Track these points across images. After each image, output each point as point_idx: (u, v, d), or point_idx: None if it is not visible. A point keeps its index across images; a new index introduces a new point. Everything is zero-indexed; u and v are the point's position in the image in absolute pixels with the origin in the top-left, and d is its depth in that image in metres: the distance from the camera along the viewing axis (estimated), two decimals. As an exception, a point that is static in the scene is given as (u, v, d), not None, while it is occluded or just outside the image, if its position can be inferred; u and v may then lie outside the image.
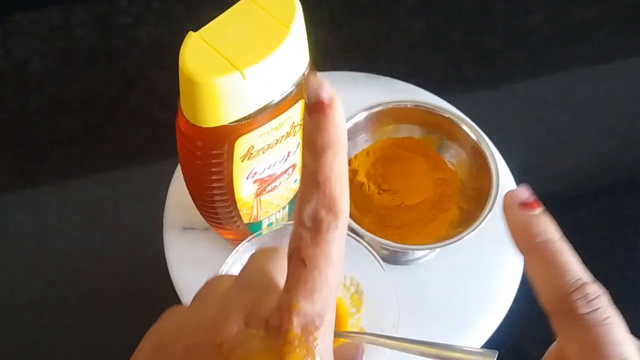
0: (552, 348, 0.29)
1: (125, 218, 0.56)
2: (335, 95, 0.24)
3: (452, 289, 0.52)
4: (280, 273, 0.27)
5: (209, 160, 0.40)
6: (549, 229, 0.27)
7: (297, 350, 0.23)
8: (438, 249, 0.51)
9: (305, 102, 0.24)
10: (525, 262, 0.27)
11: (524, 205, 0.27)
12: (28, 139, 0.61)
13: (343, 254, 0.24)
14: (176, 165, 0.55)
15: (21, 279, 0.54)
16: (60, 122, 0.61)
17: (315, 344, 0.23)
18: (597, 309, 0.25)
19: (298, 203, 0.24)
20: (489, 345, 0.50)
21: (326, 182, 0.23)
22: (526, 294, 0.53)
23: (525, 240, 0.27)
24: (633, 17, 0.69)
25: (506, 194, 0.28)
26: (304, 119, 0.24)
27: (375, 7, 0.68)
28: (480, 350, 0.46)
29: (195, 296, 0.28)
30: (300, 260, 0.23)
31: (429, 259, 0.53)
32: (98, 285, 0.54)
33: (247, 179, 0.43)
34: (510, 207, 0.27)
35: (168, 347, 0.26)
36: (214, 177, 0.42)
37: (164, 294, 0.52)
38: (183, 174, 0.45)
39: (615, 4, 0.69)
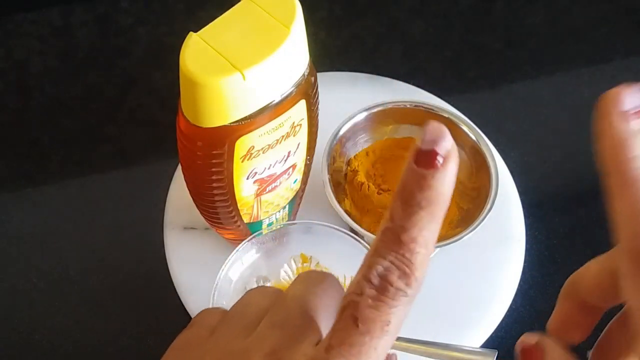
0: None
1: (126, 218, 0.56)
2: (455, 151, 0.20)
3: (452, 289, 0.52)
4: (324, 309, 0.24)
5: (209, 160, 0.41)
6: None
7: None
8: (438, 249, 0.51)
9: (417, 146, 0.20)
10: (608, 185, 0.22)
11: (629, 114, 0.21)
12: (28, 139, 0.61)
13: (401, 325, 0.21)
14: (176, 165, 0.55)
15: (21, 279, 0.54)
16: (60, 122, 0.61)
17: None
18: None
19: (370, 254, 0.21)
20: (489, 344, 0.50)
21: (410, 245, 0.20)
22: (526, 293, 0.53)
23: (616, 158, 0.22)
24: (633, 17, 0.69)
25: (605, 95, 0.22)
26: (407, 163, 0.20)
27: (374, 8, 0.68)
28: (480, 350, 0.46)
29: (232, 310, 0.26)
30: (353, 319, 0.20)
31: (428, 259, 0.53)
32: (98, 285, 0.54)
33: (248, 179, 0.43)
34: (605, 114, 0.22)
35: None
36: (214, 177, 0.42)
37: (164, 293, 0.52)
38: (183, 174, 0.45)
39: (615, 4, 0.69)
